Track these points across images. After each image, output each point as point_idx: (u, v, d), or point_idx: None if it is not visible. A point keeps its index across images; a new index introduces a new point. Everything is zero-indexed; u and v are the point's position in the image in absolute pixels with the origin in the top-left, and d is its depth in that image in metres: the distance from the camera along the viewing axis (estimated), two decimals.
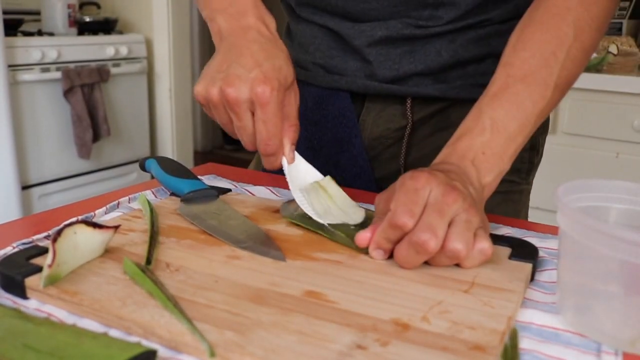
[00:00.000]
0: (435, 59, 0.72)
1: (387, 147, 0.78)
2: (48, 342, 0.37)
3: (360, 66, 0.74)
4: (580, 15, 0.58)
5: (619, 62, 1.95)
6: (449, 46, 0.72)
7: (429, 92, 0.73)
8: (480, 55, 0.73)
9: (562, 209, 0.42)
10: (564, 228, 0.43)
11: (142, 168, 0.72)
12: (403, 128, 0.76)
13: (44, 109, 2.50)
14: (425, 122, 0.76)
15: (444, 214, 0.47)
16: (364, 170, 0.77)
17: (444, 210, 0.47)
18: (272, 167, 0.60)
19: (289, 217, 0.58)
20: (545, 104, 0.58)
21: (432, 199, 0.48)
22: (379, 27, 0.72)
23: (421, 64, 0.72)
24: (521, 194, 0.80)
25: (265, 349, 0.37)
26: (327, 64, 0.76)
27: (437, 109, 0.76)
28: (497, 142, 0.56)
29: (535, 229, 0.62)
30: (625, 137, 1.84)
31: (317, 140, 0.79)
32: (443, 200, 0.48)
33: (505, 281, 0.47)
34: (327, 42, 0.76)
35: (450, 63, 0.72)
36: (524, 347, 0.40)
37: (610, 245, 0.38)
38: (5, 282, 0.46)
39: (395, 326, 0.40)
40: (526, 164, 0.79)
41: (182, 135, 3.20)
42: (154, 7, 3.00)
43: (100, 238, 0.48)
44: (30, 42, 2.45)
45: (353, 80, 0.75)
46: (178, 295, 0.43)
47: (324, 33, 0.76)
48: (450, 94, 0.74)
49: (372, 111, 0.76)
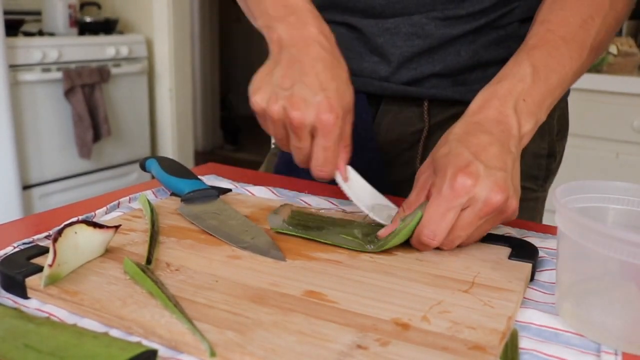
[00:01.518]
0: (455, 59, 0.71)
1: (402, 151, 0.77)
2: (49, 342, 0.37)
3: (377, 68, 0.73)
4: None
5: (618, 63, 1.95)
6: (469, 47, 0.71)
7: (448, 94, 0.72)
8: (500, 58, 0.71)
9: (560, 210, 0.43)
10: (562, 229, 0.43)
11: (142, 168, 0.72)
12: (419, 131, 0.75)
13: (44, 109, 2.50)
14: (443, 125, 0.74)
15: (474, 223, 0.51)
16: (379, 173, 0.75)
17: (473, 220, 0.51)
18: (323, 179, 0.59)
19: (277, 228, 0.57)
20: (582, 63, 0.58)
21: (470, 210, 0.51)
22: (402, 23, 0.70)
23: (440, 63, 0.71)
24: (537, 201, 0.78)
25: (266, 349, 0.37)
26: None
27: (455, 112, 0.73)
28: (538, 90, 0.56)
29: (535, 229, 0.62)
30: (625, 137, 1.84)
31: None
32: (481, 209, 0.50)
33: (505, 281, 0.47)
34: (345, 42, 0.74)
35: (470, 64, 0.72)
36: (523, 347, 0.40)
37: (609, 246, 0.38)
38: (6, 282, 0.46)
39: (395, 326, 0.40)
40: (543, 171, 0.77)
41: (182, 135, 3.20)
42: (154, 8, 3.01)
43: (100, 238, 0.49)
44: (31, 43, 2.45)
45: (370, 81, 0.74)
46: (178, 295, 0.43)
47: (341, 33, 0.75)
48: (470, 97, 0.70)
49: (388, 113, 0.75)
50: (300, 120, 0.53)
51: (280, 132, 0.56)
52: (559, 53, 0.57)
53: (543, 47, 0.57)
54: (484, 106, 0.55)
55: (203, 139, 4.50)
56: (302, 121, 0.53)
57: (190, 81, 3.22)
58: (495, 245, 0.54)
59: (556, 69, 0.57)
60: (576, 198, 0.47)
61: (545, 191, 0.80)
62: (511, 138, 0.53)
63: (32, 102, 2.45)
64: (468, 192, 0.49)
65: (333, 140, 0.54)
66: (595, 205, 0.48)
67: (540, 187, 0.78)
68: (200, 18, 4.30)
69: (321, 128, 0.53)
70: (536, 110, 0.55)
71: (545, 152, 0.76)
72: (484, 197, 0.49)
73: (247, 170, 0.84)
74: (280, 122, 0.55)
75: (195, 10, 4.20)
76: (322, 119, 0.53)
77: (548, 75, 0.56)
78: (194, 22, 4.17)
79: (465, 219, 0.50)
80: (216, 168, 0.83)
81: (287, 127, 0.55)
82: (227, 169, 0.83)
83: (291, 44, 0.56)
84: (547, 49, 0.57)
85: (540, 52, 0.57)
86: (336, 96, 0.53)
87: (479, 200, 0.49)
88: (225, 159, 4.14)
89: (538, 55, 0.57)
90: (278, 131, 0.56)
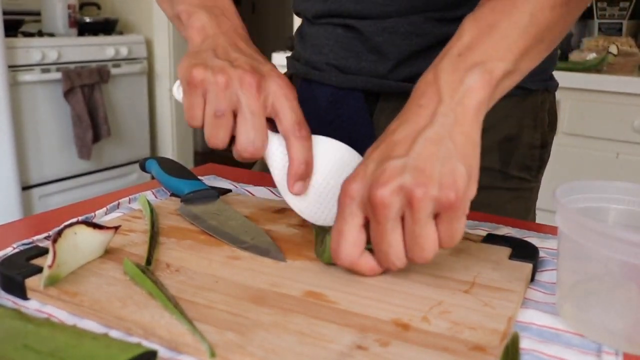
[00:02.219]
0: None
1: None
2: (48, 343, 0.37)
3: (375, 66, 0.74)
4: None
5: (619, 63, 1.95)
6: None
7: None
8: None
9: (560, 210, 0.42)
10: (562, 229, 0.43)
11: (142, 168, 0.72)
12: None
13: (44, 109, 2.50)
14: None
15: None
16: None
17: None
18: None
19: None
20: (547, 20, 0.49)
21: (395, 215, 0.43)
22: (400, 22, 0.71)
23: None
24: (531, 191, 0.80)
25: (266, 350, 0.37)
26: (341, 65, 0.76)
27: None
28: (481, 40, 0.47)
29: (535, 229, 0.62)
30: (625, 137, 1.84)
31: None
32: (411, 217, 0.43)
33: (505, 281, 0.47)
34: (343, 42, 0.75)
35: None
36: (524, 347, 0.40)
37: (609, 246, 0.38)
38: (5, 282, 0.46)
39: (395, 326, 0.40)
40: (537, 161, 0.79)
41: (182, 136, 3.20)
42: (154, 8, 3.00)
43: (100, 239, 0.48)
44: (31, 43, 2.45)
45: (368, 79, 0.74)
46: (178, 296, 0.43)
47: (338, 34, 0.75)
48: None
49: (385, 110, 0.76)
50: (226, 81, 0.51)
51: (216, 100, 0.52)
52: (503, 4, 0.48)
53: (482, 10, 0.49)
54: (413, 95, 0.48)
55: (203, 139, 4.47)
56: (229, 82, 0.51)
57: None
58: (495, 246, 0.54)
59: (502, 19, 0.47)
60: (577, 198, 0.47)
61: (538, 181, 0.82)
62: (439, 104, 0.45)
63: (32, 102, 2.45)
64: (354, 197, 0.45)
65: (256, 104, 0.51)
66: (596, 205, 0.47)
67: (534, 178, 0.80)
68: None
69: (244, 89, 0.51)
70: (486, 58, 0.46)
71: (539, 143, 0.77)
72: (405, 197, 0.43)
73: (247, 171, 0.84)
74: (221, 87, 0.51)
75: None
76: (245, 80, 0.51)
77: (493, 27, 0.47)
78: None
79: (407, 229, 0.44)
80: (216, 168, 0.83)
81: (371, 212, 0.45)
82: (227, 169, 0.83)
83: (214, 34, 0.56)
84: (485, 11, 0.48)
85: (479, 14, 0.48)
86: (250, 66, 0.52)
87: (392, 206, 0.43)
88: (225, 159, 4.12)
89: (472, 19, 0.48)
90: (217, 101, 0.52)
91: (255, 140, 0.51)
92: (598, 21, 2.21)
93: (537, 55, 0.51)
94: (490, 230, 0.60)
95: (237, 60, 0.53)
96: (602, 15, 2.19)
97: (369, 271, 0.47)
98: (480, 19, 0.48)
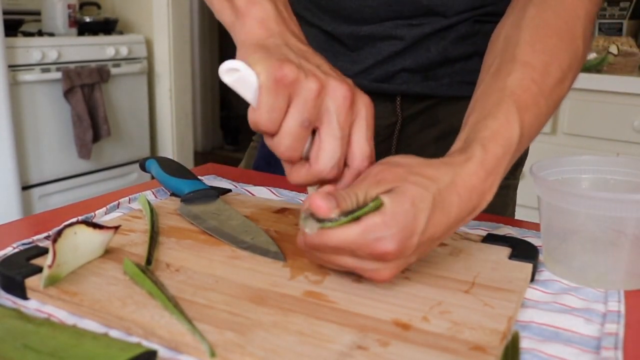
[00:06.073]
0: (425, 55, 0.75)
1: (377, 143, 0.77)
2: (48, 343, 0.37)
3: (350, 66, 0.76)
4: (586, 26, 0.55)
5: (619, 63, 1.95)
6: (438, 43, 0.74)
7: (418, 89, 0.76)
8: (467, 53, 0.75)
9: (538, 182, 0.50)
10: (540, 195, 0.50)
11: (142, 168, 0.72)
12: (393, 125, 0.80)
13: (44, 109, 2.50)
14: (414, 118, 0.80)
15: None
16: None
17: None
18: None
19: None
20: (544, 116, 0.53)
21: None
22: (376, 29, 0.74)
23: (410, 59, 0.75)
24: (508, 188, 0.82)
25: (266, 349, 0.37)
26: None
27: (425, 106, 0.79)
28: (512, 160, 0.49)
29: (535, 229, 0.62)
30: (625, 137, 1.84)
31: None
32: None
33: (505, 281, 0.47)
34: (318, 42, 0.78)
35: (439, 60, 0.75)
36: (524, 347, 0.40)
37: (584, 204, 0.47)
38: (5, 282, 0.46)
39: (395, 326, 0.40)
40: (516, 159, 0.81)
41: (182, 136, 3.20)
42: (154, 8, 3.01)
43: (100, 238, 0.48)
44: (31, 43, 2.45)
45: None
46: (178, 296, 0.43)
47: (315, 34, 0.78)
48: (438, 91, 0.77)
49: None
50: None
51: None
52: (539, 116, 0.51)
53: (531, 109, 0.50)
54: (464, 164, 0.45)
55: (203, 139, 4.50)
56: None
57: (190, 81, 3.22)
58: (495, 246, 0.54)
59: (532, 136, 0.51)
60: (552, 172, 0.54)
61: (517, 179, 0.84)
62: (471, 213, 0.46)
63: (32, 102, 2.45)
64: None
65: (348, 122, 0.46)
66: (569, 176, 0.55)
67: (512, 175, 0.82)
68: (200, 18, 4.30)
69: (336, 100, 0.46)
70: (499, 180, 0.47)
71: None
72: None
73: (247, 171, 0.84)
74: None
75: (195, 10, 4.20)
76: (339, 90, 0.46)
77: (525, 143, 0.50)
78: (194, 22, 4.17)
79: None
80: (216, 168, 0.83)
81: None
82: (226, 169, 0.83)
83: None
84: (535, 112, 0.50)
85: (529, 115, 0.49)
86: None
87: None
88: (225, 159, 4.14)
89: (527, 120, 0.49)
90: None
91: (340, 163, 0.46)
92: (598, 21, 2.21)
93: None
94: (490, 230, 0.60)
95: (322, 66, 0.47)
96: (602, 15, 2.19)
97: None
98: (524, 135, 0.49)
